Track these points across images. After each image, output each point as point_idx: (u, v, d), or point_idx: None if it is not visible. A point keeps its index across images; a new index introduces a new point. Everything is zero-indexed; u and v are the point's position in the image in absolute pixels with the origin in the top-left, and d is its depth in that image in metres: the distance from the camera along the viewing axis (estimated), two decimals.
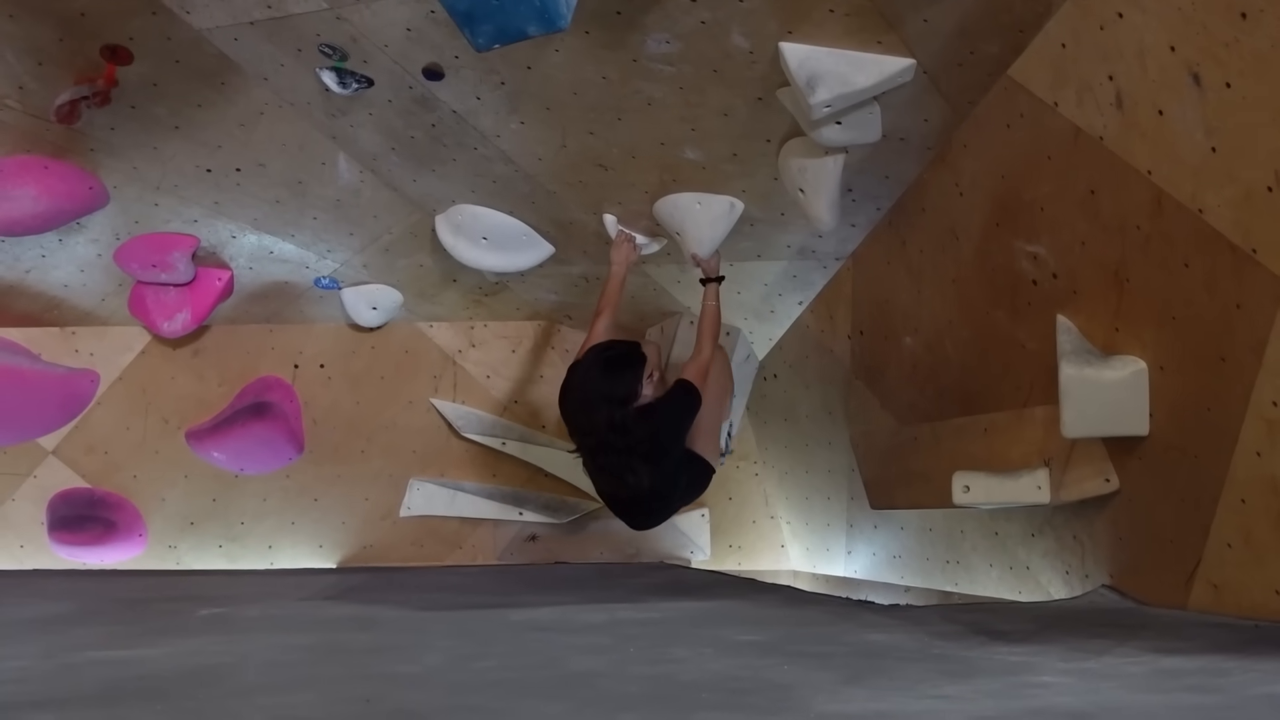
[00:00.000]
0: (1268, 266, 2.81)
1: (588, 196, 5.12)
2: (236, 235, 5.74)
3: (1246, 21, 2.73)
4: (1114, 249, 3.47)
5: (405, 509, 6.65)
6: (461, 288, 6.20)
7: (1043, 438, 3.93)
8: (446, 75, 4.38)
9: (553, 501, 6.68)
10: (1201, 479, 3.20)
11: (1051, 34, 3.52)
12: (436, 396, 6.68)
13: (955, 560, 5.06)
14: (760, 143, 4.54)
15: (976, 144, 4.15)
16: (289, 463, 6.54)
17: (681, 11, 3.83)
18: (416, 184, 5.22)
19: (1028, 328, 4.02)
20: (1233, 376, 3.01)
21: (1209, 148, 2.95)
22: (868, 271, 5.27)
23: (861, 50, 3.86)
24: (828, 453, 5.86)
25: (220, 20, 4.25)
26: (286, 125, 4.87)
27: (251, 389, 6.57)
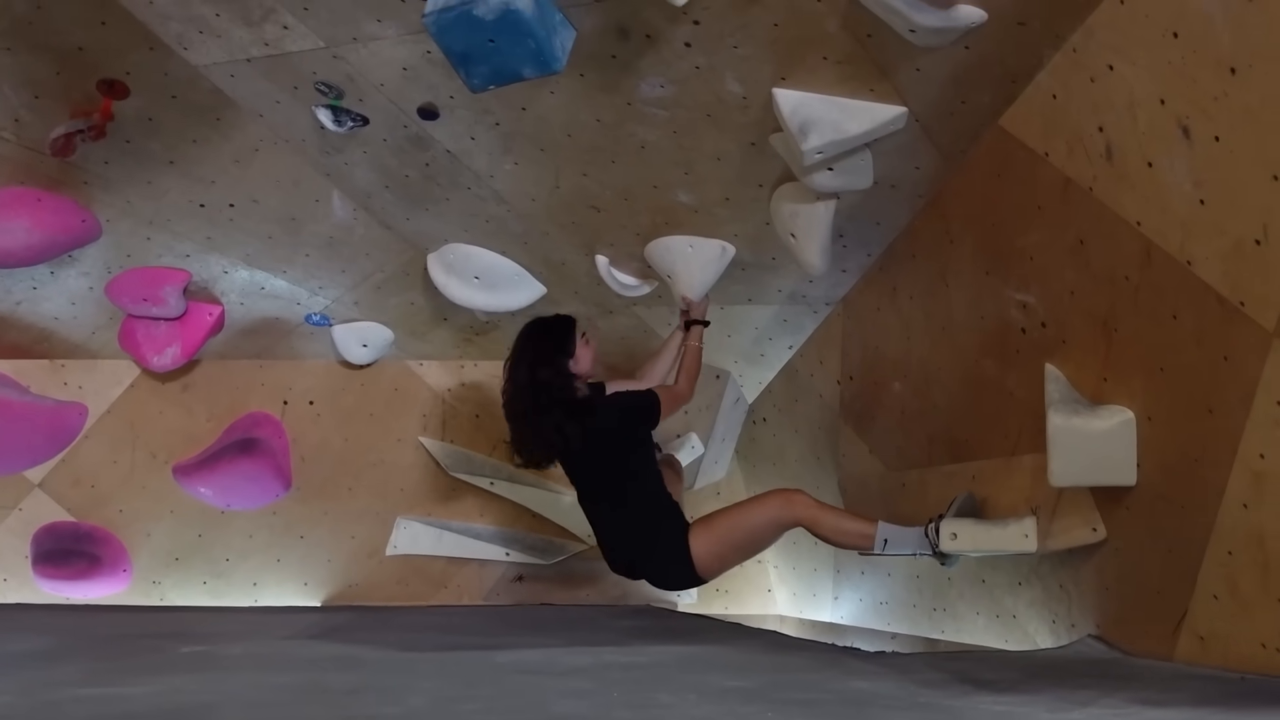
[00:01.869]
0: (1255, 319, 2.82)
1: (580, 238, 5.13)
2: (228, 270, 5.74)
3: (1236, 76, 2.75)
4: (1103, 299, 3.49)
5: (392, 547, 6.63)
6: (452, 326, 6.20)
7: (1030, 486, 3.94)
8: (441, 115, 4.40)
9: (540, 542, 6.66)
10: (1188, 530, 3.20)
11: (1043, 85, 3.54)
12: (425, 435, 6.68)
13: (942, 608, 5.05)
14: (753, 187, 4.56)
15: (967, 192, 4.17)
16: (276, 499, 6.51)
17: (676, 56, 3.86)
18: (409, 222, 5.23)
19: (1017, 376, 4.03)
20: (1220, 428, 3.01)
21: (1198, 200, 2.97)
22: (858, 317, 5.29)
23: (854, 97, 3.89)
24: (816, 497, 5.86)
25: (217, 57, 4.27)
26: (281, 162, 4.89)
27: (240, 425, 6.56)
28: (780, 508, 4.45)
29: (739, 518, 4.54)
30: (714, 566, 4.53)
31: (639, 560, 4.69)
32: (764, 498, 4.61)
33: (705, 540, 4.47)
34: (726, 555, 4.53)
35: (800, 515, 4.40)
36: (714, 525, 4.53)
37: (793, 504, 4.43)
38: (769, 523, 4.47)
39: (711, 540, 4.48)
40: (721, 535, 4.48)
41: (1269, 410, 2.82)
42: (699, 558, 4.47)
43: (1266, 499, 2.88)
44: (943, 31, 3.43)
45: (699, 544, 4.47)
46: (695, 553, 4.46)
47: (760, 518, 4.48)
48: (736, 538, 4.50)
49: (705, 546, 4.47)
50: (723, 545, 4.49)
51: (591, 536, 6.56)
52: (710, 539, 4.48)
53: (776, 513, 4.44)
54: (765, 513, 4.48)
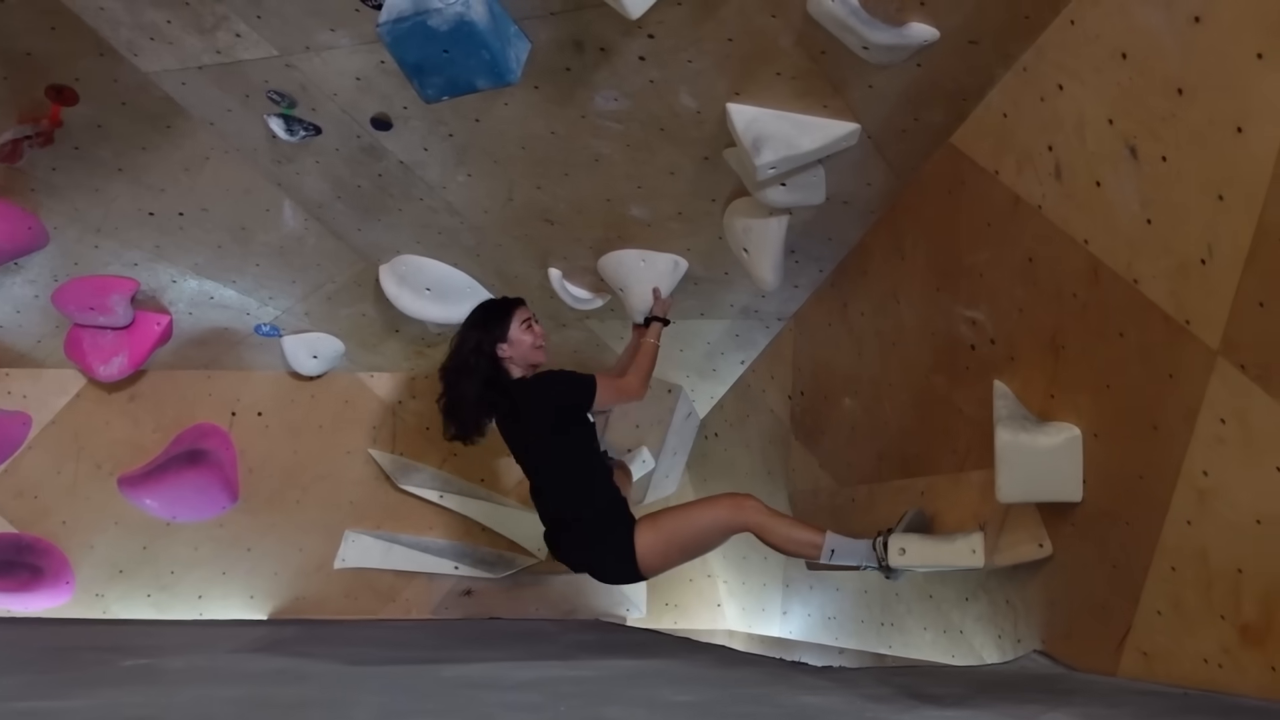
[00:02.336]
0: (1200, 338, 2.85)
1: (533, 250, 5.13)
2: (177, 280, 5.69)
3: (1183, 97, 2.79)
4: (1051, 316, 3.52)
5: (340, 560, 6.58)
6: (404, 338, 6.17)
7: (978, 502, 3.96)
8: (395, 125, 4.39)
9: (489, 556, 6.63)
10: (1133, 546, 3.23)
11: (993, 103, 3.58)
12: (375, 447, 6.64)
13: (890, 622, 5.06)
14: (706, 202, 4.57)
15: (918, 209, 4.20)
16: (223, 511, 6.45)
17: (631, 70, 3.86)
18: (361, 233, 5.21)
19: (965, 392, 4.05)
20: (1165, 445, 3.04)
21: (1145, 219, 3.00)
22: (809, 332, 5.31)
23: (808, 114, 3.91)
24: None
25: (168, 64, 4.24)
26: (232, 171, 4.85)
27: (187, 436, 6.49)
28: (730, 512, 4.42)
29: (687, 518, 4.51)
30: (657, 564, 4.49)
31: (581, 551, 4.65)
32: (715, 500, 4.60)
33: (651, 538, 4.42)
34: (671, 554, 4.49)
35: (749, 521, 4.38)
36: (661, 523, 4.48)
37: (743, 509, 4.40)
38: (717, 525, 4.44)
39: (658, 538, 4.43)
40: (668, 534, 4.44)
41: (1213, 428, 2.85)
42: (643, 555, 4.42)
43: (1209, 516, 2.91)
44: (895, 49, 3.45)
45: (644, 541, 4.42)
46: (640, 549, 4.42)
47: (709, 520, 4.45)
48: (683, 538, 4.45)
49: (650, 544, 4.42)
50: (668, 544, 4.44)
51: (542, 550, 6.59)
52: (656, 537, 4.43)
53: (726, 516, 4.41)
54: (714, 515, 4.45)
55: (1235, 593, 2.85)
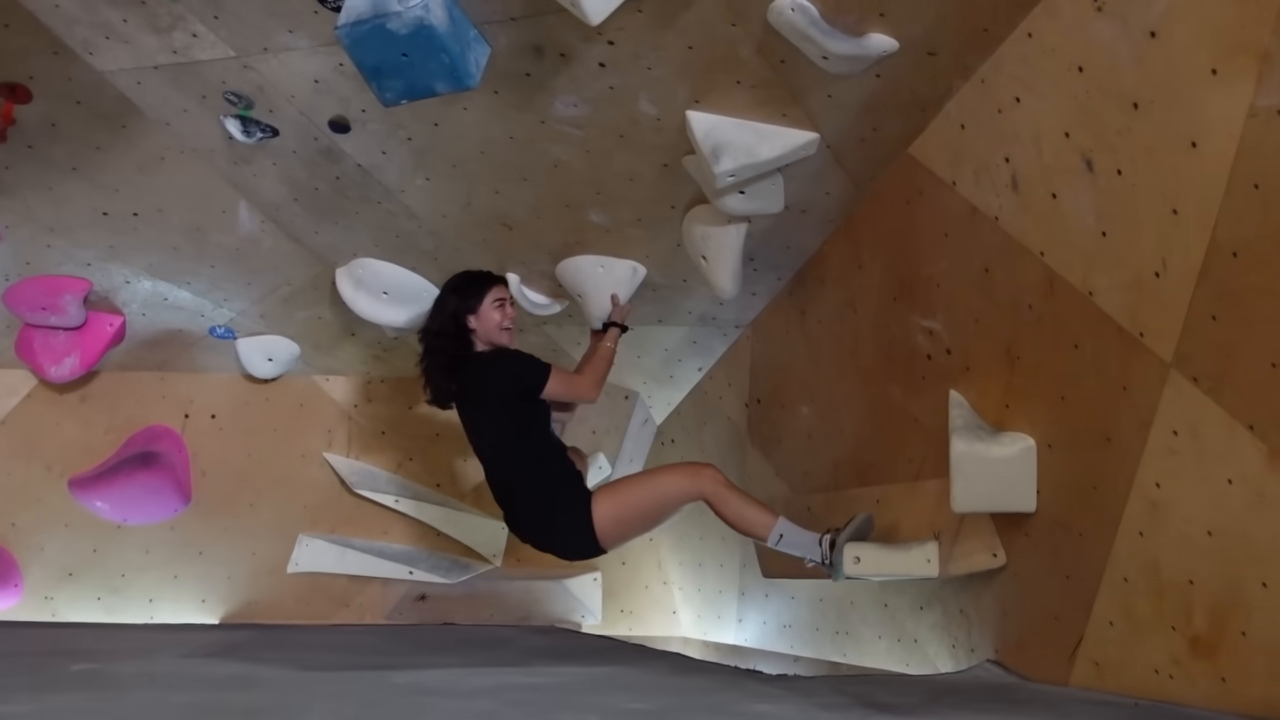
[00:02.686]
0: (1154, 350, 2.88)
1: (491, 255, 5.11)
2: (131, 280, 5.63)
3: (1138, 111, 2.81)
4: (1006, 327, 3.54)
5: (293, 564, 6.52)
6: (360, 342, 6.14)
7: (933, 511, 3.97)
8: (353, 128, 4.36)
9: (444, 561, 6.59)
10: (1085, 557, 3.25)
11: (951, 115, 3.60)
12: (330, 451, 6.59)
13: (845, 631, 5.08)
14: (664, 209, 4.57)
15: (876, 218, 4.21)
16: (175, 514, 6.38)
17: (590, 76, 3.86)
18: (318, 236, 5.17)
19: (922, 402, 4.07)
20: (1118, 457, 3.07)
21: (1100, 232, 3.03)
22: (767, 340, 5.32)
23: (767, 122, 3.92)
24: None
25: (124, 63, 4.20)
26: (187, 171, 4.80)
27: (139, 438, 6.42)
28: (688, 479, 4.39)
29: (645, 485, 4.49)
30: (615, 534, 4.44)
31: (540, 529, 4.60)
32: (673, 468, 4.62)
33: (608, 507, 4.38)
34: (629, 522, 4.44)
35: (706, 490, 4.34)
36: (618, 492, 4.46)
37: (701, 476, 4.37)
38: (674, 493, 4.40)
39: (615, 506, 4.38)
40: (625, 502, 4.40)
41: (1165, 440, 2.88)
42: (601, 525, 4.37)
43: (1161, 527, 2.94)
44: (855, 59, 3.46)
45: (601, 511, 4.37)
46: (597, 520, 4.36)
47: (666, 487, 4.41)
48: (640, 505, 4.40)
49: (608, 513, 4.37)
50: (625, 512, 4.39)
51: (497, 556, 6.57)
52: (613, 505, 4.38)
53: (684, 483, 4.38)
54: (672, 482, 4.42)
55: (1186, 604, 2.88)
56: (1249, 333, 2.55)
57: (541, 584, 6.61)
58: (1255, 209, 2.48)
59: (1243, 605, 2.69)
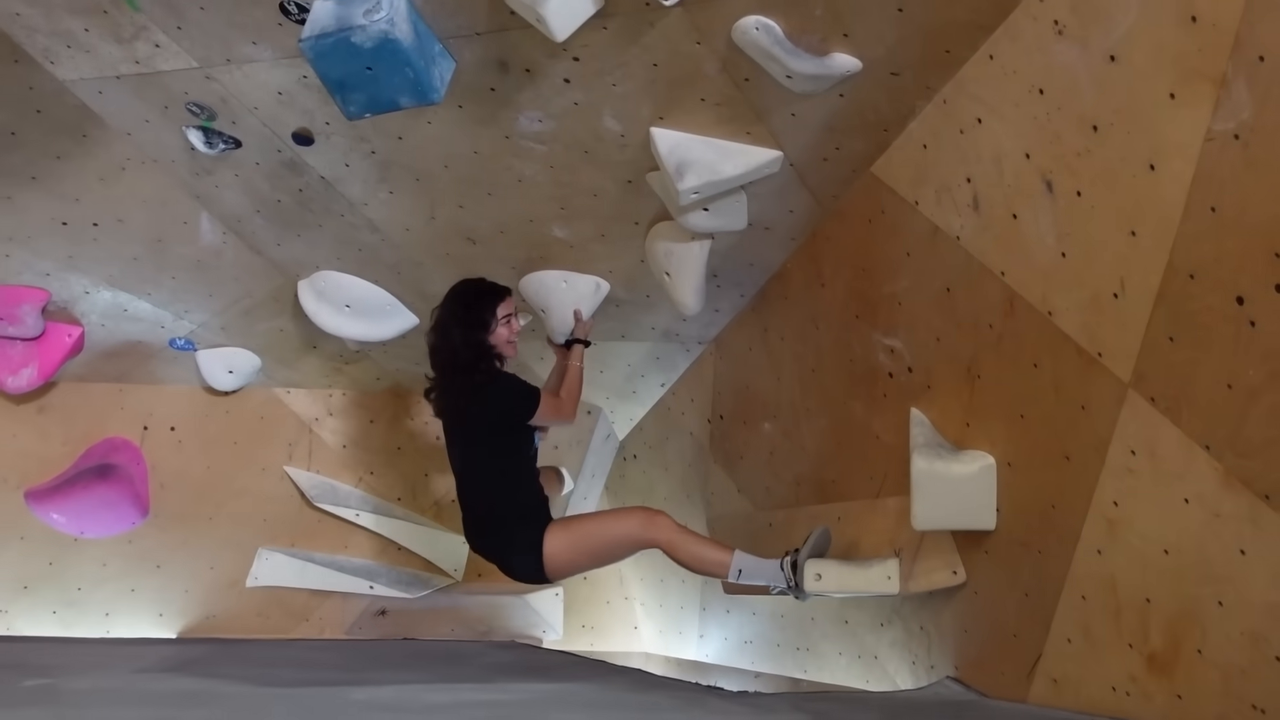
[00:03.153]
0: (1112, 370, 2.90)
1: (455, 269, 5.09)
2: (90, 291, 5.58)
3: (1098, 134, 2.84)
4: (967, 346, 3.56)
5: (252, 578, 6.47)
6: (322, 355, 6.11)
7: (894, 528, 3.99)
8: (316, 141, 4.35)
9: (405, 576, 6.57)
10: (1044, 574, 3.27)
11: (914, 134, 3.62)
12: (291, 464, 6.55)
13: (805, 647, 5.08)
14: (628, 225, 4.57)
15: (839, 237, 4.23)
16: (132, 527, 6.31)
17: (555, 92, 3.86)
18: (281, 248, 5.15)
19: (883, 419, 4.09)
20: (1077, 475, 3.09)
21: (1059, 253, 3.05)
22: (730, 357, 5.33)
23: (731, 140, 3.93)
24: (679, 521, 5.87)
25: (85, 72, 4.16)
26: (149, 182, 4.77)
27: (97, 450, 6.36)
28: (641, 526, 4.39)
29: (598, 526, 4.52)
30: (562, 567, 4.47)
31: (492, 544, 4.62)
32: (627, 512, 4.63)
33: (560, 540, 4.41)
34: (578, 560, 4.47)
35: (659, 538, 4.36)
36: (572, 528, 4.49)
37: (654, 525, 4.38)
38: (627, 538, 4.42)
39: (566, 541, 4.41)
40: (577, 539, 4.43)
41: (1123, 459, 2.90)
42: (550, 556, 4.40)
43: (1119, 545, 2.96)
44: (818, 79, 3.48)
45: (553, 542, 4.40)
46: (547, 550, 4.39)
47: (619, 531, 4.43)
48: (591, 545, 4.44)
49: (559, 546, 4.40)
50: (575, 550, 4.42)
51: (458, 570, 6.54)
52: (565, 540, 4.41)
53: (637, 530, 4.39)
54: (625, 527, 4.42)
55: (1143, 622, 2.90)
56: (1205, 354, 2.58)
57: (503, 599, 6.59)
58: (1212, 232, 2.50)
59: (1199, 623, 2.71)
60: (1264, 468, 2.46)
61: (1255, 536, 2.51)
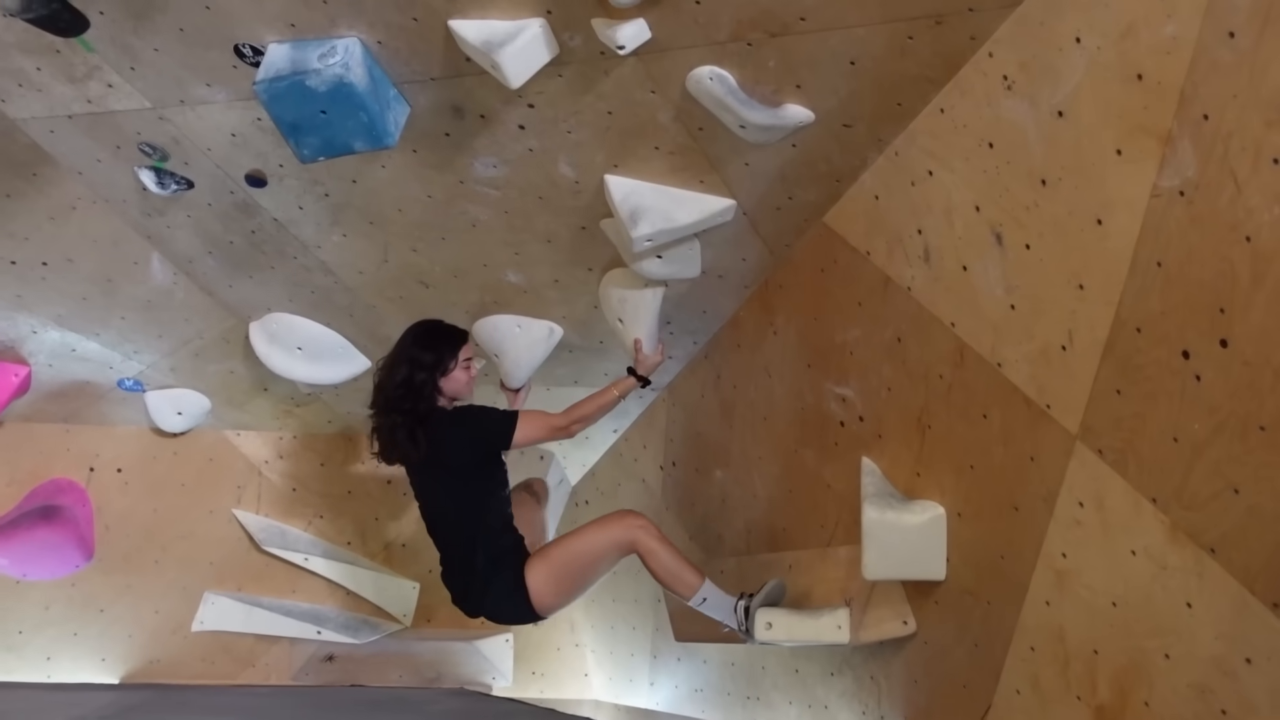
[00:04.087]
0: (1060, 422, 2.92)
1: (407, 312, 5.07)
2: (38, 330, 5.52)
3: (1046, 188, 2.87)
4: (918, 396, 3.57)
5: (198, 623, 6.40)
6: (273, 397, 6.06)
7: (845, 577, 3.99)
8: (270, 183, 4.33)
9: (353, 621, 6.50)
10: (994, 625, 3.27)
11: (866, 185, 3.64)
12: (239, 507, 6.48)
13: (756, 696, 5.06)
14: (582, 270, 4.58)
15: (792, 285, 4.25)
16: (76, 570, 6.23)
17: (510, 138, 3.87)
18: (232, 289, 5.11)
19: (834, 468, 4.09)
20: (1025, 526, 3.10)
21: (1009, 305, 3.07)
22: (682, 404, 5.33)
23: (685, 188, 3.95)
24: (634, 582, 5.84)
25: (37, 111, 4.14)
26: (99, 222, 4.73)
27: (42, 491, 6.28)
28: (621, 530, 4.24)
29: (577, 544, 4.32)
30: (552, 600, 4.31)
31: (474, 594, 4.41)
32: (605, 520, 4.37)
33: (543, 575, 4.25)
34: (564, 587, 4.31)
35: (639, 540, 4.21)
36: (551, 557, 4.31)
37: (633, 526, 4.24)
38: (607, 546, 4.26)
39: (549, 574, 4.26)
40: (558, 567, 4.27)
41: (1071, 510, 2.91)
42: (536, 593, 4.25)
43: (1067, 596, 2.97)
44: (772, 129, 3.51)
45: (536, 578, 4.24)
46: (532, 588, 4.24)
47: (598, 541, 4.27)
48: (574, 567, 4.27)
49: (543, 581, 4.25)
50: (560, 578, 4.27)
51: (407, 615, 6.49)
52: (547, 571, 4.26)
53: (617, 534, 4.23)
54: (604, 536, 4.26)
55: (1091, 673, 2.90)
56: (1152, 407, 2.60)
57: (452, 645, 6.53)
58: (1158, 286, 2.53)
59: (1146, 676, 2.72)
60: (1209, 521, 2.47)
61: (1201, 589, 2.52)
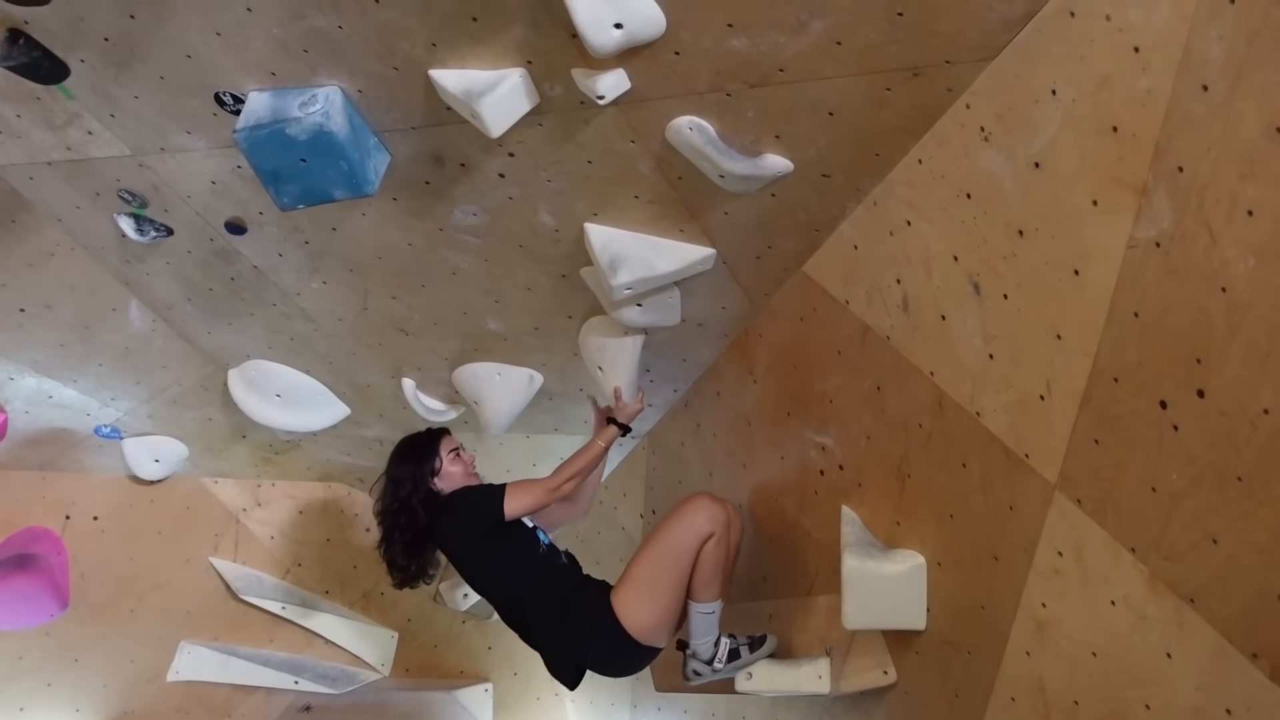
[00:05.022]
0: (1039, 471, 2.92)
1: (387, 360, 5.07)
2: (15, 377, 5.49)
3: (1023, 238, 2.88)
4: (897, 445, 3.58)
5: (174, 673, 6.34)
6: (251, 444, 6.03)
7: (825, 627, 3.97)
8: (249, 230, 4.33)
9: (331, 670, 6.45)
10: (974, 675, 3.26)
11: (845, 235, 3.66)
12: (216, 555, 6.44)
13: None
14: (562, 318, 4.57)
15: (771, 334, 4.25)
16: (51, 619, 6.16)
17: (490, 186, 3.87)
18: (211, 336, 5.10)
19: (814, 516, 4.08)
20: (1005, 576, 3.09)
21: (987, 354, 3.08)
22: (663, 452, 5.32)
23: (664, 236, 3.95)
24: None
25: (16, 158, 4.13)
26: (78, 268, 4.72)
27: (17, 539, 6.22)
28: (705, 519, 3.92)
29: (656, 551, 3.98)
30: (653, 623, 3.93)
31: (569, 654, 4.10)
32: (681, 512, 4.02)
33: (629, 597, 3.93)
34: (661, 605, 3.93)
35: (719, 531, 3.91)
36: (632, 577, 3.96)
37: (715, 518, 3.93)
38: (691, 538, 3.91)
39: (635, 594, 3.93)
40: (644, 584, 3.92)
41: (1051, 560, 2.91)
42: (631, 622, 3.90)
43: (1047, 647, 2.96)
44: (750, 179, 3.52)
45: (625, 607, 3.91)
46: (625, 618, 3.90)
47: (681, 537, 3.93)
48: (663, 579, 3.92)
49: (632, 605, 3.92)
50: (653, 597, 3.91)
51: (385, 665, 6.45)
52: (634, 593, 3.93)
53: (701, 525, 3.91)
54: (687, 528, 3.93)
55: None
56: (1130, 456, 2.60)
57: (431, 695, 6.49)
58: (1135, 336, 2.54)
59: None
60: (1188, 571, 2.47)
61: (1180, 639, 2.52)
